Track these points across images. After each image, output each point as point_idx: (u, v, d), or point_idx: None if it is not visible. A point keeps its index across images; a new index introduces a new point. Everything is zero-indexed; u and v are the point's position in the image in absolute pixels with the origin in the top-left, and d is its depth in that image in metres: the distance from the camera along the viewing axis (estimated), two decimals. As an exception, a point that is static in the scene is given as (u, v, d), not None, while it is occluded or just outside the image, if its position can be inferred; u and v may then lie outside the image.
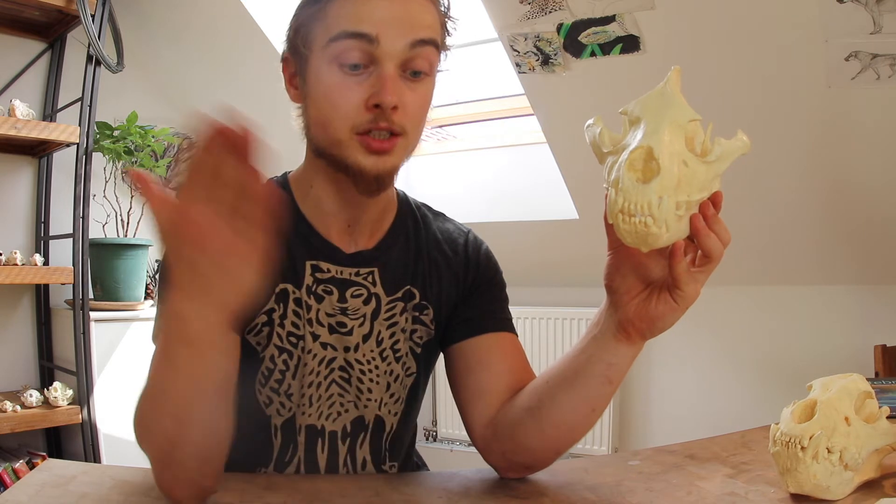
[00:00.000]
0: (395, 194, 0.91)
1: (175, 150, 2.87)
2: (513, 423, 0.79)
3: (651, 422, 2.59)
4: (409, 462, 0.97)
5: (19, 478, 1.86)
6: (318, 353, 0.83)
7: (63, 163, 2.45)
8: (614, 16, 1.78)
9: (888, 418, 0.76)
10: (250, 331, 0.82)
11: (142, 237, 2.48)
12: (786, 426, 0.73)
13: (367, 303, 0.85)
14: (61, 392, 2.19)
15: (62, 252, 2.38)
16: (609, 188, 0.61)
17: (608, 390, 0.73)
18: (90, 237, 2.28)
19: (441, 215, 0.96)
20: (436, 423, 2.88)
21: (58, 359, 2.44)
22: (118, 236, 2.44)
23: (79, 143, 2.21)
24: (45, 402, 2.20)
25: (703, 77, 1.85)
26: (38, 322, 2.48)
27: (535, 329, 2.63)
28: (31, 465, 2.16)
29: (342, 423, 0.85)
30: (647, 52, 1.83)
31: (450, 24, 0.80)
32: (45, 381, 2.40)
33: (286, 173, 0.89)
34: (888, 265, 2.09)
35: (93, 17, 2.19)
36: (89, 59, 2.25)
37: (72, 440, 2.39)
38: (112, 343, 2.33)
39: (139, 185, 0.54)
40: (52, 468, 0.78)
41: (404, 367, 0.88)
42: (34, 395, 2.18)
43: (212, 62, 2.71)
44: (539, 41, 1.93)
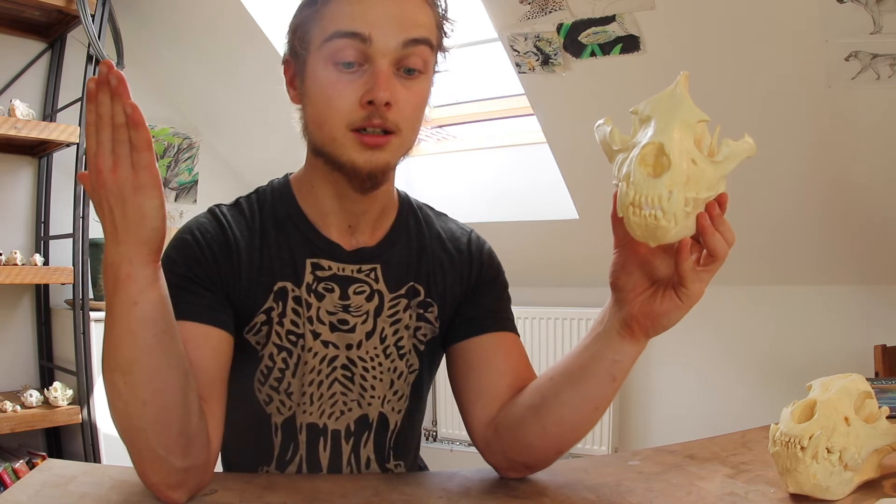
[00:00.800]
0: (396, 194, 0.91)
1: (175, 150, 2.87)
2: (515, 421, 0.79)
3: (651, 422, 2.59)
4: (415, 463, 0.97)
5: (19, 478, 1.86)
6: (318, 352, 0.83)
7: (63, 163, 2.45)
8: (614, 16, 1.78)
9: (888, 418, 0.76)
10: (249, 329, 0.82)
11: (142, 237, 2.48)
12: (785, 426, 0.73)
13: (369, 300, 0.85)
14: (61, 392, 2.19)
15: (62, 252, 2.38)
16: (620, 183, 0.63)
17: (611, 388, 0.74)
18: (90, 237, 2.28)
19: (443, 215, 0.96)
20: (436, 423, 2.88)
21: (58, 359, 2.44)
22: (118, 236, 2.44)
23: (79, 143, 2.21)
24: (45, 402, 2.20)
25: (703, 77, 1.85)
26: (38, 322, 2.48)
27: (535, 329, 2.63)
28: (31, 465, 2.15)
29: (345, 422, 0.85)
30: (647, 52, 1.83)
31: (447, 25, 0.81)
32: (45, 381, 2.40)
33: (287, 175, 0.89)
34: (888, 265, 2.09)
35: (93, 17, 2.20)
36: (89, 59, 2.25)
37: (72, 440, 2.39)
38: (112, 343, 2.33)
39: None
40: (52, 468, 0.78)
41: (408, 364, 0.88)
42: (34, 395, 2.18)
43: (212, 62, 2.71)
44: (539, 41, 1.93)
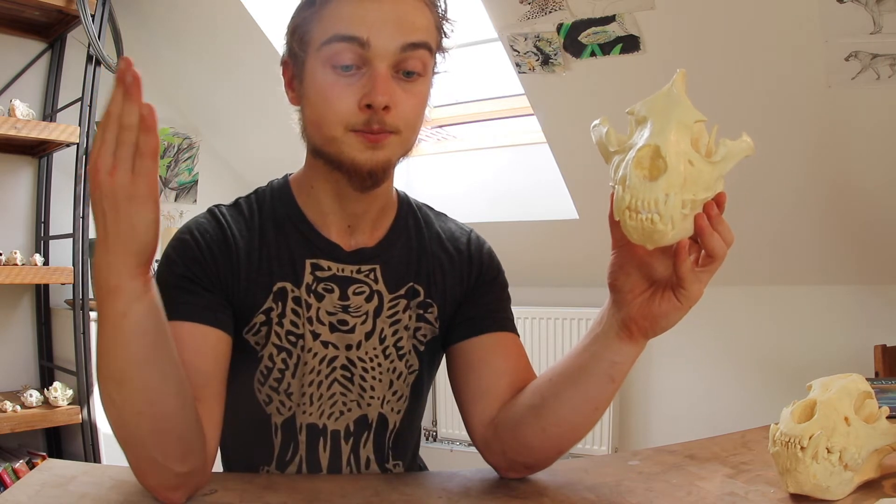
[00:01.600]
0: (396, 194, 0.91)
1: (175, 150, 2.87)
2: (515, 421, 0.79)
3: (651, 422, 2.59)
4: (414, 462, 0.97)
5: (19, 478, 1.86)
6: (318, 352, 0.83)
7: (63, 163, 2.45)
8: (614, 16, 1.78)
9: (888, 418, 0.76)
10: (248, 330, 0.82)
11: (142, 237, 2.48)
12: (785, 426, 0.73)
13: (369, 300, 0.85)
14: (61, 392, 2.19)
15: (62, 252, 2.38)
16: (616, 186, 0.62)
17: (611, 389, 0.73)
18: (90, 237, 2.28)
19: (443, 215, 0.96)
20: (436, 423, 2.88)
21: (58, 359, 2.44)
22: (118, 236, 2.44)
23: (79, 143, 2.21)
24: (45, 402, 2.20)
25: (703, 77, 1.85)
26: (38, 322, 2.48)
27: (535, 329, 2.63)
28: (31, 465, 2.16)
29: (345, 423, 0.85)
30: (647, 52, 1.83)
31: (447, 25, 0.80)
32: (45, 381, 2.40)
33: (287, 175, 0.89)
34: (888, 265, 2.09)
35: (93, 17, 2.20)
36: (89, 59, 2.25)
37: (72, 440, 2.39)
38: (112, 343, 2.33)
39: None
40: (52, 468, 0.78)
41: (407, 365, 0.88)
42: (34, 395, 2.18)
43: (212, 62, 2.71)
44: (539, 41, 1.93)
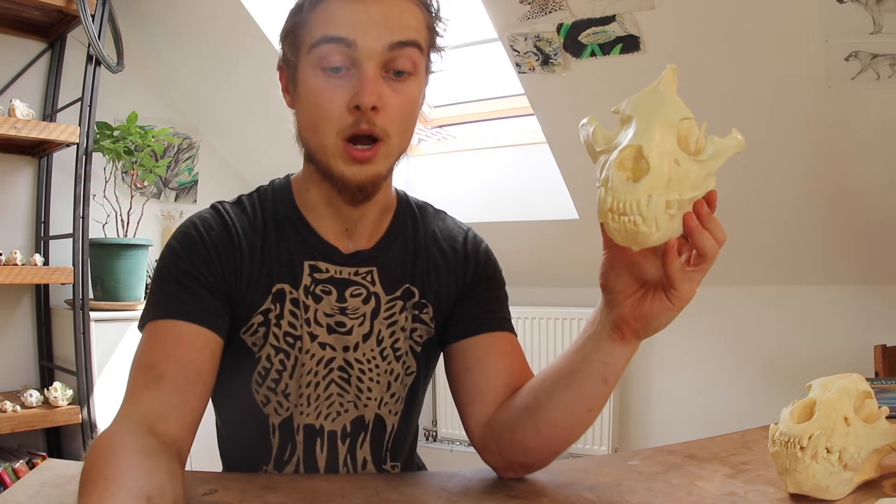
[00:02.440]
0: (395, 194, 0.91)
1: (175, 150, 2.87)
2: (510, 422, 0.79)
3: (651, 422, 2.59)
4: (410, 463, 0.97)
5: (19, 478, 1.86)
6: (316, 353, 0.83)
7: (63, 163, 2.45)
8: (614, 16, 1.78)
9: (888, 418, 0.76)
10: (246, 330, 0.82)
11: (142, 237, 2.49)
12: (785, 426, 0.73)
13: (366, 302, 0.85)
14: (61, 392, 2.19)
15: (62, 252, 2.38)
16: (599, 187, 0.61)
17: (604, 389, 0.73)
18: (90, 237, 2.28)
19: (441, 213, 0.96)
20: (436, 423, 2.88)
21: (58, 359, 2.44)
22: (118, 236, 2.45)
23: (79, 143, 2.21)
24: (45, 402, 2.20)
25: (702, 77, 1.85)
26: (38, 322, 2.48)
27: (535, 329, 2.63)
28: (31, 465, 2.16)
29: (342, 423, 0.85)
30: (647, 52, 1.83)
31: (440, 25, 0.80)
32: (45, 381, 2.40)
33: (289, 175, 0.90)
34: (888, 265, 2.09)
35: (93, 17, 2.20)
36: (89, 59, 2.25)
37: (72, 440, 2.39)
38: (112, 343, 2.33)
39: None
40: (52, 468, 0.78)
41: (404, 366, 0.88)
42: (34, 395, 2.18)
43: (212, 62, 2.71)
44: (539, 41, 1.93)
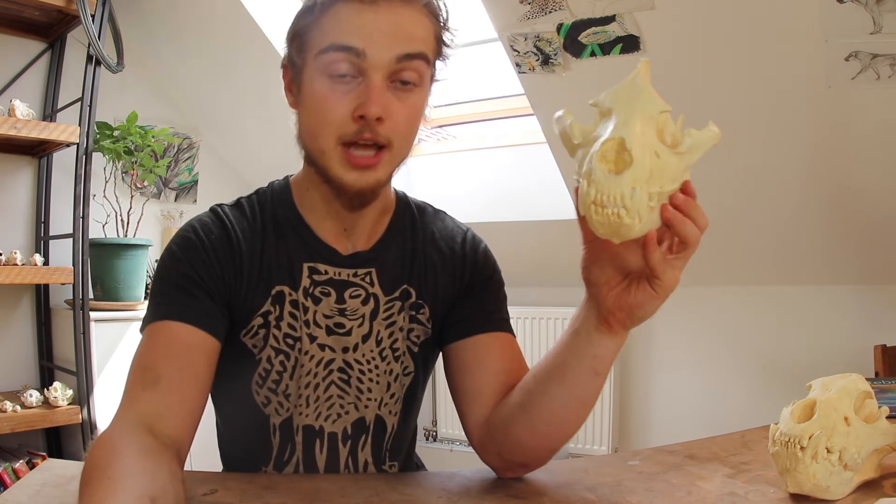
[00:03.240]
0: (394, 195, 0.91)
1: (175, 150, 2.87)
2: (505, 420, 0.79)
3: (651, 422, 2.59)
4: (409, 462, 0.97)
5: (19, 478, 1.86)
6: (315, 355, 0.83)
7: (63, 163, 2.45)
8: (614, 16, 1.78)
9: (888, 418, 0.76)
10: (246, 332, 0.82)
11: (142, 237, 2.48)
12: (785, 426, 0.73)
13: (365, 303, 0.85)
14: (61, 392, 2.19)
15: (62, 252, 2.38)
16: (581, 180, 0.61)
17: (596, 382, 0.73)
18: (90, 237, 2.28)
19: (441, 213, 0.95)
20: (436, 423, 2.88)
21: (58, 359, 2.45)
22: (118, 236, 2.45)
23: (79, 143, 2.21)
24: (45, 402, 2.20)
25: (702, 77, 1.85)
26: (38, 322, 2.48)
27: (534, 329, 2.64)
28: (31, 465, 2.16)
29: (342, 425, 0.85)
30: (647, 52, 1.83)
31: (447, 35, 0.80)
32: (45, 381, 2.40)
33: (288, 177, 0.90)
34: (888, 264, 2.08)
35: (93, 17, 2.20)
36: (89, 59, 2.25)
37: (72, 440, 2.39)
38: (112, 343, 2.34)
39: None
40: (52, 468, 0.78)
41: (403, 367, 0.88)
42: (34, 395, 2.18)
43: (212, 62, 2.71)
44: (539, 41, 1.93)
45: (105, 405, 2.27)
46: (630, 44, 1.83)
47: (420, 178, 2.71)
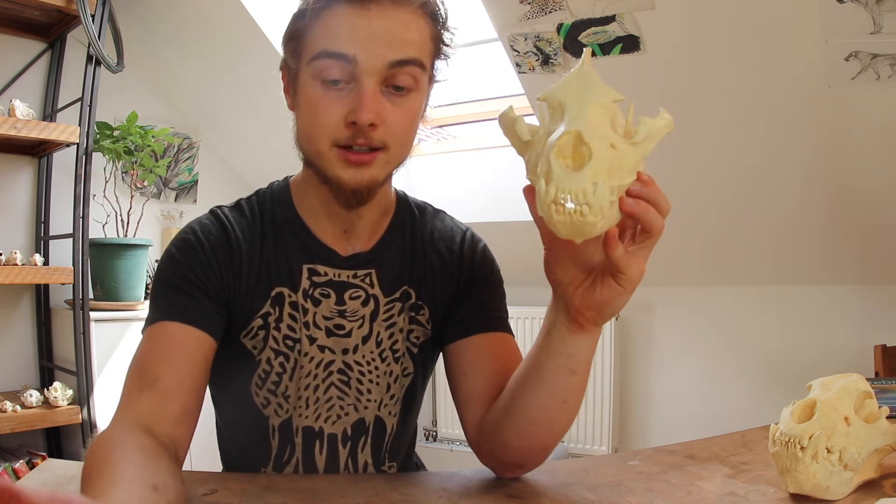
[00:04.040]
0: (395, 195, 0.91)
1: (175, 150, 2.87)
2: (493, 423, 0.79)
3: (651, 422, 2.59)
4: (408, 462, 0.97)
5: (19, 478, 1.86)
6: (315, 356, 0.83)
7: (63, 163, 2.45)
8: (614, 16, 1.78)
9: (888, 418, 0.76)
10: (246, 334, 0.82)
11: (142, 237, 2.48)
12: (785, 426, 0.73)
13: (365, 304, 0.85)
14: (61, 392, 2.19)
15: (62, 252, 2.38)
16: (538, 179, 0.57)
17: (574, 380, 0.72)
18: (90, 237, 2.28)
19: (441, 213, 0.95)
20: (436, 423, 2.88)
21: (58, 359, 2.44)
22: (118, 236, 2.45)
23: (79, 143, 2.21)
24: (45, 402, 2.20)
25: (702, 77, 1.85)
26: (38, 322, 2.48)
27: (534, 329, 2.63)
28: (31, 465, 2.15)
29: (342, 427, 0.85)
30: (647, 52, 1.83)
31: (447, 35, 0.79)
32: (45, 381, 2.40)
33: (287, 178, 0.90)
34: (888, 264, 2.09)
35: (93, 17, 2.19)
36: (89, 59, 2.25)
37: (72, 440, 2.39)
38: (112, 343, 2.34)
39: None
40: (52, 468, 0.78)
41: (402, 367, 0.88)
42: (34, 395, 2.18)
43: (212, 62, 2.71)
44: (539, 41, 1.93)
45: (105, 405, 2.27)
46: (630, 44, 1.83)
47: (420, 178, 2.71)
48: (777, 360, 2.28)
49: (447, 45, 0.80)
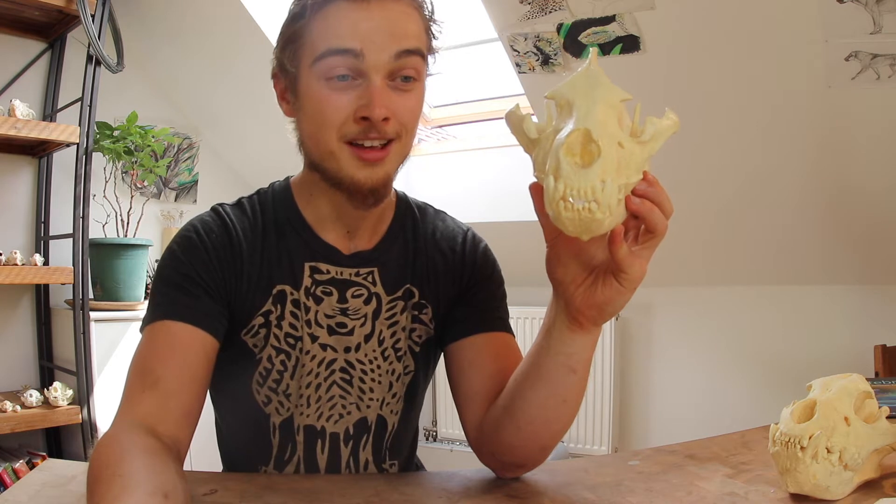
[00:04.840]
0: (395, 194, 0.91)
1: (175, 150, 2.87)
2: (493, 423, 0.79)
3: (651, 422, 2.59)
4: (410, 462, 0.97)
5: (19, 478, 1.86)
6: (316, 355, 0.83)
7: (63, 163, 2.45)
8: (614, 16, 1.78)
9: (888, 418, 0.76)
10: (247, 332, 0.82)
11: (142, 237, 2.49)
12: (785, 426, 0.73)
13: (367, 302, 0.85)
14: (61, 392, 2.19)
15: (62, 252, 2.38)
16: (546, 176, 0.58)
17: (574, 379, 0.72)
18: (90, 237, 2.28)
19: (441, 213, 0.95)
20: (436, 423, 2.88)
21: (58, 359, 2.45)
22: (118, 236, 2.45)
23: (79, 143, 2.21)
24: (45, 402, 2.20)
25: (702, 77, 1.85)
26: (38, 322, 2.48)
27: (534, 329, 2.63)
28: (31, 465, 2.16)
29: (344, 425, 0.85)
30: (647, 52, 1.83)
31: (435, 27, 0.80)
32: (45, 381, 2.40)
33: (288, 178, 0.89)
34: (889, 265, 2.09)
35: (93, 17, 2.20)
36: (89, 59, 2.25)
37: (72, 440, 2.39)
38: (112, 343, 2.34)
39: None
40: (52, 468, 0.78)
41: (404, 366, 0.88)
42: (34, 395, 2.18)
43: (212, 62, 2.71)
44: (539, 41, 1.93)
45: (105, 405, 2.27)
46: (630, 44, 1.83)
47: (420, 178, 2.71)
48: (777, 360, 2.28)
49: (436, 38, 0.81)
